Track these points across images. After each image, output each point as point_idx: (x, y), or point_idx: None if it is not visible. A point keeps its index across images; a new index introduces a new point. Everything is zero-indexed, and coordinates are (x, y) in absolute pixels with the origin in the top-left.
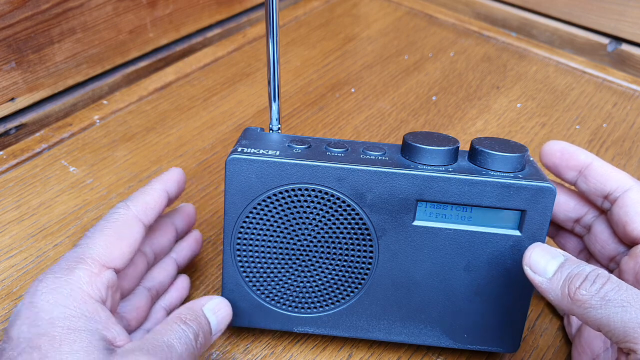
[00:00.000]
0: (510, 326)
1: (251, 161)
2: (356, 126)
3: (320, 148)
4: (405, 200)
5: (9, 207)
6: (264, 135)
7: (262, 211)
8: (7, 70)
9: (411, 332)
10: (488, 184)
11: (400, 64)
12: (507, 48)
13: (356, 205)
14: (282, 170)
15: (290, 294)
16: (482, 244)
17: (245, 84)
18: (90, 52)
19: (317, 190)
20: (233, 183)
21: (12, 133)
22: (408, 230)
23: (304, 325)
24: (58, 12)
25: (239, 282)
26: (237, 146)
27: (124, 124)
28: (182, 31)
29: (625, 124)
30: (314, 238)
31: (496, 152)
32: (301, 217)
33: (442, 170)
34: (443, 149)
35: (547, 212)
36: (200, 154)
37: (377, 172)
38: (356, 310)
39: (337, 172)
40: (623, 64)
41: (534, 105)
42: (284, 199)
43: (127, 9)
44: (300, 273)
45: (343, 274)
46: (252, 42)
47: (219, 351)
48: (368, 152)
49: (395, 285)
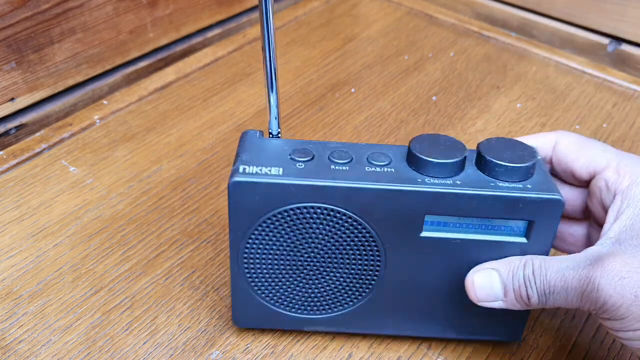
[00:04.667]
0: (513, 316)
1: (254, 184)
2: (356, 126)
3: (324, 159)
4: (413, 214)
5: (9, 207)
6: (264, 144)
7: (267, 229)
8: (7, 70)
9: (418, 328)
10: (497, 198)
11: (400, 64)
12: (507, 48)
13: (362, 220)
14: (287, 191)
15: (297, 300)
16: (490, 251)
17: (245, 84)
18: (90, 52)
19: (323, 208)
20: (237, 205)
21: (12, 133)
22: (415, 241)
23: (314, 325)
24: (58, 12)
25: (246, 289)
26: (238, 164)
27: (124, 124)
28: (182, 31)
29: (625, 124)
30: (321, 251)
31: (506, 163)
32: (307, 233)
33: (450, 185)
34: (451, 162)
35: (555, 221)
36: (200, 154)
37: (385, 190)
38: (364, 311)
39: (343, 192)
40: (623, 64)
41: (534, 105)
42: (289, 217)
43: (127, 9)
44: (307, 282)
45: (350, 282)
46: (252, 42)
47: (219, 351)
48: (373, 163)
49: (402, 288)
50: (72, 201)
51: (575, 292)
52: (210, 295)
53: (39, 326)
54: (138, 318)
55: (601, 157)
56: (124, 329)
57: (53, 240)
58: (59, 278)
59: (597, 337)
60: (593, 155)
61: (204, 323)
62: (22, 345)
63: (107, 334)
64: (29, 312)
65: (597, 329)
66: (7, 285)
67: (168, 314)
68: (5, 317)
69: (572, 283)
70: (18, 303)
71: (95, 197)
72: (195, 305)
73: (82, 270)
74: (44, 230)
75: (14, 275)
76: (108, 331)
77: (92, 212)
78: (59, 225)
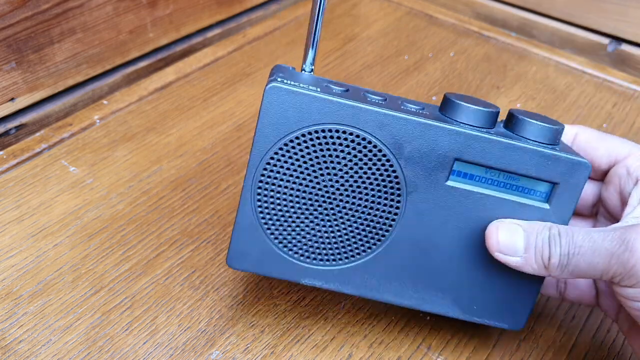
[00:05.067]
0: (520, 303)
1: (293, 92)
2: None
3: (359, 94)
4: (444, 157)
5: (9, 207)
6: (299, 74)
7: (292, 149)
8: (7, 70)
9: (421, 298)
10: (528, 151)
11: (400, 64)
12: (507, 48)
13: (392, 156)
14: (324, 106)
15: (305, 242)
16: (510, 214)
17: (245, 84)
18: (90, 52)
19: (355, 135)
20: (269, 114)
21: (12, 133)
22: (439, 189)
23: (314, 278)
24: (58, 12)
25: (253, 223)
26: (275, 76)
27: (124, 124)
28: (182, 31)
29: (625, 124)
30: (342, 186)
31: (536, 121)
32: (332, 162)
33: (484, 131)
34: (486, 110)
35: (579, 187)
36: (200, 154)
37: (421, 123)
38: (370, 268)
39: (380, 117)
40: (623, 64)
41: (534, 105)
42: (318, 139)
43: (127, 9)
44: (320, 221)
45: (364, 227)
46: (252, 42)
47: (219, 351)
48: (407, 105)
49: (415, 246)
50: (72, 201)
51: (604, 253)
52: (210, 295)
53: (39, 326)
54: (138, 318)
55: (622, 146)
56: (124, 329)
57: (53, 240)
58: (59, 278)
59: (597, 337)
60: (614, 145)
61: (204, 323)
62: (22, 345)
63: (107, 334)
64: (29, 312)
65: (597, 329)
66: (7, 285)
67: (168, 314)
68: (5, 317)
69: (603, 244)
70: (18, 303)
71: (95, 197)
72: (195, 305)
73: (82, 270)
74: (44, 230)
75: (14, 275)
76: (108, 331)
77: (92, 212)
78: (59, 225)
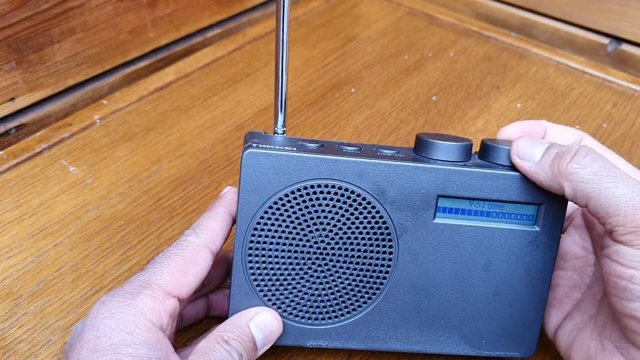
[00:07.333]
0: (527, 329)
1: (270, 155)
2: (356, 126)
3: (334, 147)
4: (427, 195)
5: (9, 207)
6: (272, 137)
7: (277, 210)
8: (7, 70)
9: (429, 340)
10: (507, 177)
11: (400, 64)
12: (507, 48)
13: (377, 202)
14: (302, 164)
15: (303, 303)
16: (501, 241)
17: (245, 84)
18: (90, 52)
19: (337, 187)
20: (249, 180)
21: (12, 133)
22: (429, 228)
23: (317, 339)
24: (58, 12)
25: (247, 289)
26: (249, 142)
27: (124, 124)
28: (182, 31)
29: (625, 124)
30: (331, 240)
31: (508, 147)
32: (319, 217)
33: (461, 165)
34: (459, 144)
35: (563, 204)
36: (200, 154)
37: (400, 166)
38: (373, 319)
39: (358, 167)
40: (623, 64)
41: (534, 105)
42: (302, 197)
43: (127, 9)
44: (315, 279)
45: (361, 278)
46: (252, 42)
47: None
48: (382, 151)
49: (415, 288)
50: (72, 201)
51: (596, 210)
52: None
53: (39, 326)
54: None
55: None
56: None
57: (53, 240)
58: (59, 278)
59: None
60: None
61: (203, 323)
62: (22, 345)
63: None
64: (29, 312)
65: None
66: (7, 285)
67: None
68: (5, 317)
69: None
70: (18, 303)
71: (95, 197)
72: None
73: (82, 270)
74: (44, 230)
75: (14, 275)
76: None
77: (92, 212)
78: (59, 225)
